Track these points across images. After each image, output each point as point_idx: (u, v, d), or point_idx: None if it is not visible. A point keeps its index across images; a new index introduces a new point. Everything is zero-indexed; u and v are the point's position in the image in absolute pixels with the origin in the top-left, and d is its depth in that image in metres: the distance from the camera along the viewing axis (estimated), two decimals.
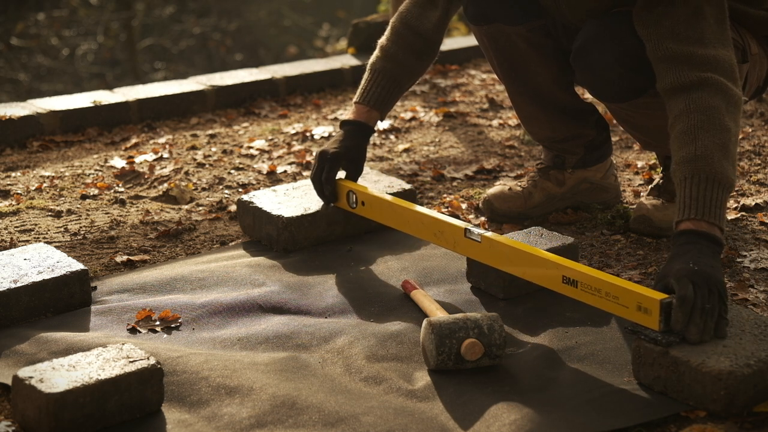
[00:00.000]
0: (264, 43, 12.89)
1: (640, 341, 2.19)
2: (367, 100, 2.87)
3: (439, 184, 3.38)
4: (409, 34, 2.87)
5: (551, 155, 3.09)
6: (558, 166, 3.07)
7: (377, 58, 2.90)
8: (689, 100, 2.39)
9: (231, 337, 2.41)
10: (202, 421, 2.09)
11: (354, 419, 2.09)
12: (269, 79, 4.32)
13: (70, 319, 2.50)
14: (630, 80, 2.65)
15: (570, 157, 3.07)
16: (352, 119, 2.87)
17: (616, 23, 2.64)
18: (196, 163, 3.58)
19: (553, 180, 3.07)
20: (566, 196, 3.08)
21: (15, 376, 2.05)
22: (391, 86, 2.88)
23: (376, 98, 2.86)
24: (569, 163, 3.07)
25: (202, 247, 2.94)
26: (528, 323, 2.48)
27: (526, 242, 2.64)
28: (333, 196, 2.85)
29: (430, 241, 2.66)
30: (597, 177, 3.09)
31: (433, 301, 2.50)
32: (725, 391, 2.06)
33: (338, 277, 2.72)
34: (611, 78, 2.66)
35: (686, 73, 2.42)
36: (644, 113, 2.74)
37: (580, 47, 2.69)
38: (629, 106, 2.73)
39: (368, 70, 2.90)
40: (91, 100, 3.98)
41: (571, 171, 3.07)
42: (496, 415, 2.11)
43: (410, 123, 4.00)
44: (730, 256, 2.81)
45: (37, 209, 3.18)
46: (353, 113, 2.88)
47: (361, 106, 2.87)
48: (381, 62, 2.89)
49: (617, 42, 2.62)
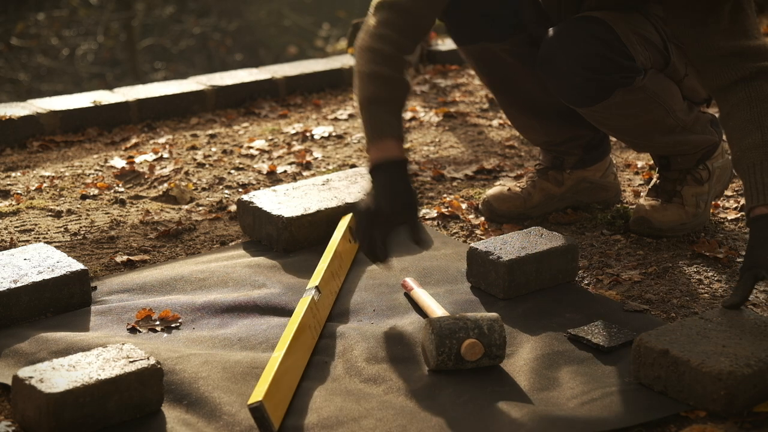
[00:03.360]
0: (264, 43, 12.89)
1: (640, 341, 2.19)
2: (391, 132, 2.52)
3: (439, 184, 3.38)
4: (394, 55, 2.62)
5: (550, 156, 3.09)
6: (556, 167, 3.08)
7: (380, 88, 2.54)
8: (749, 89, 2.43)
9: (231, 338, 2.41)
10: (202, 421, 2.09)
11: (354, 422, 2.09)
12: (269, 79, 4.32)
13: (70, 319, 2.50)
14: (595, 82, 2.66)
15: (568, 158, 3.07)
16: (387, 158, 2.48)
17: (574, 27, 2.66)
18: (196, 163, 3.58)
19: (552, 180, 3.07)
20: (566, 196, 3.08)
21: (15, 376, 2.05)
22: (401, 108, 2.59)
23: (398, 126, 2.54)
24: (568, 163, 3.07)
25: (202, 247, 2.93)
26: (528, 323, 2.48)
27: (526, 242, 2.64)
28: (386, 255, 2.49)
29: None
30: (596, 176, 3.09)
31: (433, 300, 2.50)
32: (725, 391, 2.06)
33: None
34: (576, 82, 2.68)
35: (742, 66, 2.46)
36: (618, 114, 2.75)
37: (543, 55, 2.71)
38: (601, 108, 2.73)
39: (372, 102, 2.53)
40: (91, 100, 3.98)
41: (569, 171, 3.07)
42: (496, 415, 2.11)
43: (410, 123, 4.00)
44: (731, 257, 2.81)
45: (37, 209, 3.18)
46: (381, 151, 2.49)
47: (388, 139, 2.50)
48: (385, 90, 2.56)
49: (578, 45, 2.64)
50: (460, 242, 2.93)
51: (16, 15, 11.51)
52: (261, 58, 12.11)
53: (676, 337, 2.19)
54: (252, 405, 2.01)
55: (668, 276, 2.72)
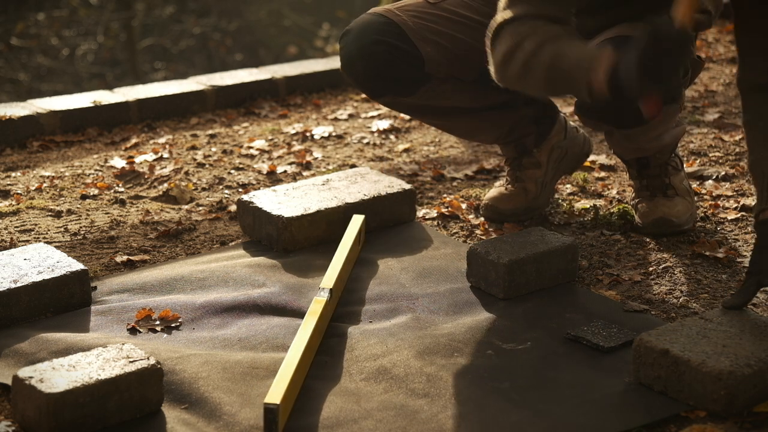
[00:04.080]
0: (264, 43, 12.88)
1: (640, 341, 2.19)
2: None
3: (439, 184, 3.38)
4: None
5: (512, 147, 3.09)
6: (525, 153, 3.07)
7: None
8: None
9: (231, 338, 2.41)
10: (202, 421, 2.09)
11: (354, 423, 2.09)
12: (269, 79, 4.32)
13: (70, 319, 2.50)
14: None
15: (527, 139, 3.07)
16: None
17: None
18: (196, 163, 3.58)
19: (530, 166, 3.07)
20: (550, 171, 3.08)
21: (15, 376, 2.05)
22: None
23: None
24: (530, 144, 3.07)
25: (202, 247, 2.93)
26: (528, 323, 2.48)
27: (526, 242, 2.64)
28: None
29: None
30: (561, 139, 3.09)
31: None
32: (725, 391, 2.06)
33: None
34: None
35: None
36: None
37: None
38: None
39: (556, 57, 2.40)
40: (91, 100, 3.98)
41: (537, 150, 3.07)
42: (496, 415, 2.11)
43: (410, 123, 4.00)
44: (731, 257, 2.81)
45: (37, 209, 3.18)
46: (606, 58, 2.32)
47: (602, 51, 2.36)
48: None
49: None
50: (460, 242, 2.93)
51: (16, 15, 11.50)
52: (261, 58, 12.09)
53: (676, 337, 2.19)
54: (270, 405, 2.01)
55: (668, 276, 2.72)
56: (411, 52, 2.82)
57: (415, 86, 2.87)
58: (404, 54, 2.81)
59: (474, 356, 2.32)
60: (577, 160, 3.14)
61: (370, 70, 2.83)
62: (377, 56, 2.81)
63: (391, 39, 2.81)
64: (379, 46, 2.80)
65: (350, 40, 2.85)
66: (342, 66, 2.90)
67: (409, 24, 2.83)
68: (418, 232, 2.97)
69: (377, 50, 2.81)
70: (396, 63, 2.81)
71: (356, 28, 2.85)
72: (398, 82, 2.85)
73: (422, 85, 2.87)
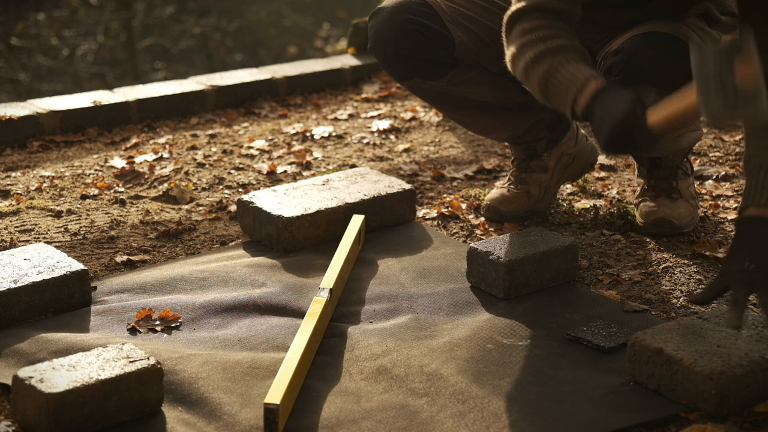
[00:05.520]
0: (264, 43, 12.88)
1: (636, 339, 2.19)
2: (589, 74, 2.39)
3: (439, 184, 3.38)
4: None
5: (522, 149, 3.09)
6: (533, 156, 3.08)
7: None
8: None
9: (231, 338, 2.42)
10: (202, 421, 2.09)
11: (354, 423, 2.09)
12: (269, 79, 4.32)
13: (70, 319, 2.50)
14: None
15: (539, 144, 3.07)
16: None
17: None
18: (196, 163, 3.58)
19: (537, 169, 3.07)
20: (555, 176, 3.09)
21: (15, 376, 2.05)
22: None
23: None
24: (541, 148, 3.07)
25: (202, 247, 2.94)
26: (528, 323, 2.48)
27: (526, 242, 2.64)
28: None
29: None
30: (571, 146, 3.10)
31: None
32: (716, 390, 2.06)
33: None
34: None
35: None
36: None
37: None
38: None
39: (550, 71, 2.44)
40: (91, 100, 3.98)
41: (546, 154, 3.08)
42: (496, 414, 2.11)
43: (410, 123, 4.00)
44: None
45: (37, 209, 3.18)
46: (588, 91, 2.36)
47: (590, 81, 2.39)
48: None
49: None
50: (460, 242, 2.93)
51: (16, 15, 11.50)
52: (261, 58, 12.10)
53: (671, 335, 2.19)
54: (270, 405, 2.01)
55: (668, 276, 2.72)
56: (443, 33, 2.81)
57: (443, 70, 2.86)
58: (436, 35, 2.81)
59: (474, 356, 2.32)
60: (582, 169, 3.14)
61: (400, 49, 2.81)
62: (409, 35, 2.79)
63: (423, 19, 2.80)
64: (411, 25, 2.79)
65: (382, 17, 2.83)
66: (371, 44, 2.87)
67: (442, 6, 2.83)
68: (418, 232, 2.98)
69: (409, 29, 2.79)
70: (427, 44, 2.80)
71: (389, 6, 2.83)
72: (426, 64, 2.84)
73: (450, 70, 2.86)
